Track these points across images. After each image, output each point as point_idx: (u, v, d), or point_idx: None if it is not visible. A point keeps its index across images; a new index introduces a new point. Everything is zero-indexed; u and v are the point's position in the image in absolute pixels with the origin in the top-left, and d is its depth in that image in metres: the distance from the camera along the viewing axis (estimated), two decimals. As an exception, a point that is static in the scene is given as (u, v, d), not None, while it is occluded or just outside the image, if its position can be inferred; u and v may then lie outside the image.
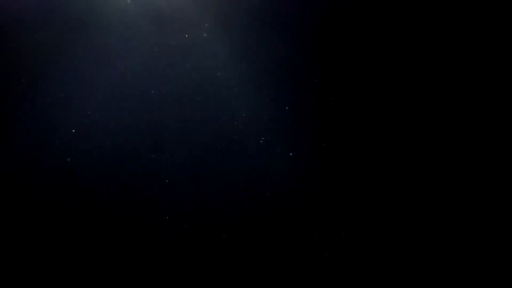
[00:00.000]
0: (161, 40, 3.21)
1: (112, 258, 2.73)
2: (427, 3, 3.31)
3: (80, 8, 3.24)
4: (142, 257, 2.73)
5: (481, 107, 3.14)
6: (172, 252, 2.75)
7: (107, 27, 3.20)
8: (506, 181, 2.93)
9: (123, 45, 3.19)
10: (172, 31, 3.22)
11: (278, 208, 2.88)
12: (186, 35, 3.21)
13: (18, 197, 2.85)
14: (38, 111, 3.09)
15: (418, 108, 3.16)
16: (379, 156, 3.03)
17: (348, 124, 3.13)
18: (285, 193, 2.92)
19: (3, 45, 3.18)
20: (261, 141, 3.04)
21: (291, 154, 3.03)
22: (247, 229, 2.83)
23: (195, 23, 3.24)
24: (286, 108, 3.15)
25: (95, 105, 3.11)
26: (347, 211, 2.88)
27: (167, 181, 2.93)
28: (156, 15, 3.24)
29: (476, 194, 2.92)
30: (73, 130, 3.04)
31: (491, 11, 3.25)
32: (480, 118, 3.12)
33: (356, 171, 2.99)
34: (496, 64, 3.20)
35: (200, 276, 2.70)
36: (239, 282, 2.68)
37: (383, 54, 3.27)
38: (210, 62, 3.19)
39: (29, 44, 3.18)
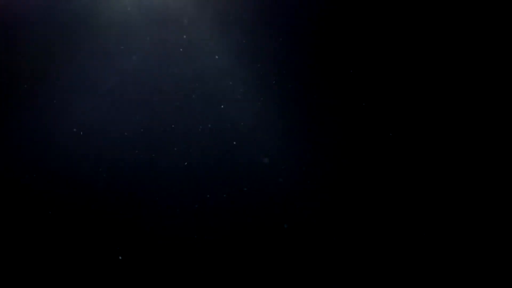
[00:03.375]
0: (161, 41, 3.21)
1: (112, 259, 2.73)
2: (427, 3, 3.32)
3: (80, 8, 3.24)
4: (143, 258, 2.74)
5: (481, 107, 3.14)
6: (172, 253, 2.76)
7: (108, 28, 3.20)
8: (506, 181, 2.93)
9: (123, 46, 3.19)
10: (172, 31, 3.23)
11: (278, 209, 2.89)
12: (186, 36, 3.21)
13: (18, 198, 2.86)
14: (38, 111, 3.09)
15: (419, 108, 3.16)
16: (381, 156, 3.03)
17: (350, 124, 3.13)
18: (286, 195, 2.92)
19: (3, 45, 3.18)
20: (261, 141, 3.04)
21: (291, 155, 3.04)
22: (248, 230, 2.83)
23: (195, 23, 3.24)
24: (287, 107, 3.15)
25: (94, 106, 3.11)
26: (347, 212, 2.88)
27: (159, 177, 2.93)
28: (156, 15, 3.24)
29: (476, 194, 2.92)
30: (74, 130, 3.04)
31: (491, 11, 3.25)
32: (480, 118, 3.12)
33: (357, 171, 2.99)
34: (496, 64, 3.20)
35: (199, 276, 2.71)
36: (238, 283, 2.69)
37: (384, 54, 3.27)
38: (210, 62, 3.19)
39: (29, 44, 3.18)
